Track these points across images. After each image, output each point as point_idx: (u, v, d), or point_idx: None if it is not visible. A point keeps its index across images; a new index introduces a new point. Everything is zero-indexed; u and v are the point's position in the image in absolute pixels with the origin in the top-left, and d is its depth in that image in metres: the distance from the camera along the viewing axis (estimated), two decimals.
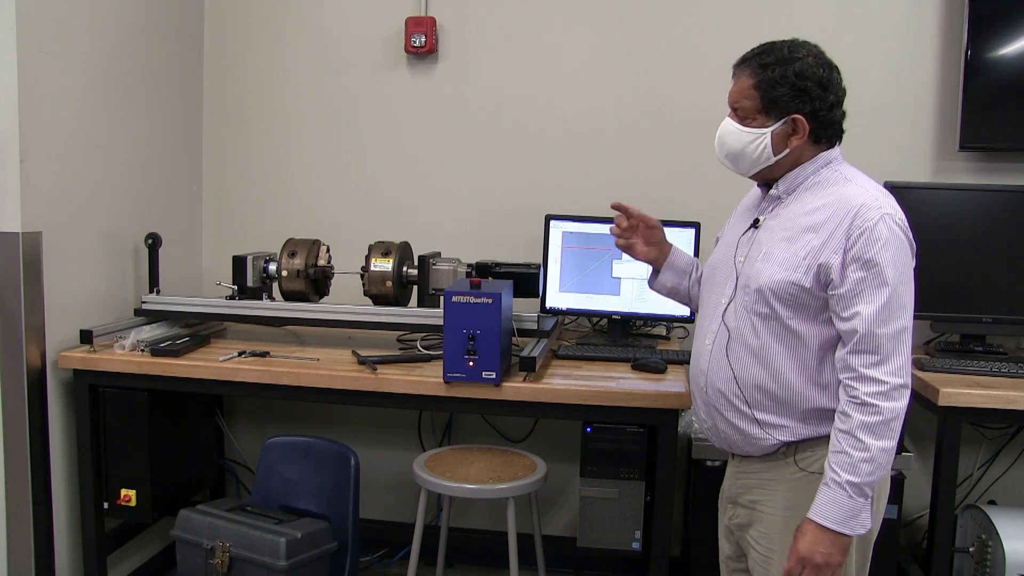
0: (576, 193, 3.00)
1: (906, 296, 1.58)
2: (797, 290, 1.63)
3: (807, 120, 1.66)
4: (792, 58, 1.66)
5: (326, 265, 2.72)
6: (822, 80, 1.67)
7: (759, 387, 1.68)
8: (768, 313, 1.66)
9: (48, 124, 2.38)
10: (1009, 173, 2.81)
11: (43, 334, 2.40)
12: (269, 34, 3.15)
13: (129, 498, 2.52)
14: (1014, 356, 2.64)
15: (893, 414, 1.54)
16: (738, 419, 1.72)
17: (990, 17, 2.69)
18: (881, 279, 1.56)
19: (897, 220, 1.60)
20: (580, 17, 2.99)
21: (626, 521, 2.35)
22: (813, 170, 1.71)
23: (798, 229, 1.66)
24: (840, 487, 1.54)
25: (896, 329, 1.56)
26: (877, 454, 1.53)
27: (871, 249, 1.57)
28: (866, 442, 1.53)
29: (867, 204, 1.60)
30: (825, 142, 1.71)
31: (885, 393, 1.54)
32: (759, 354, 1.68)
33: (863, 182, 1.68)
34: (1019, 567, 2.34)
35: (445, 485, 2.33)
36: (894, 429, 1.54)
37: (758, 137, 1.68)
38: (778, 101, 1.66)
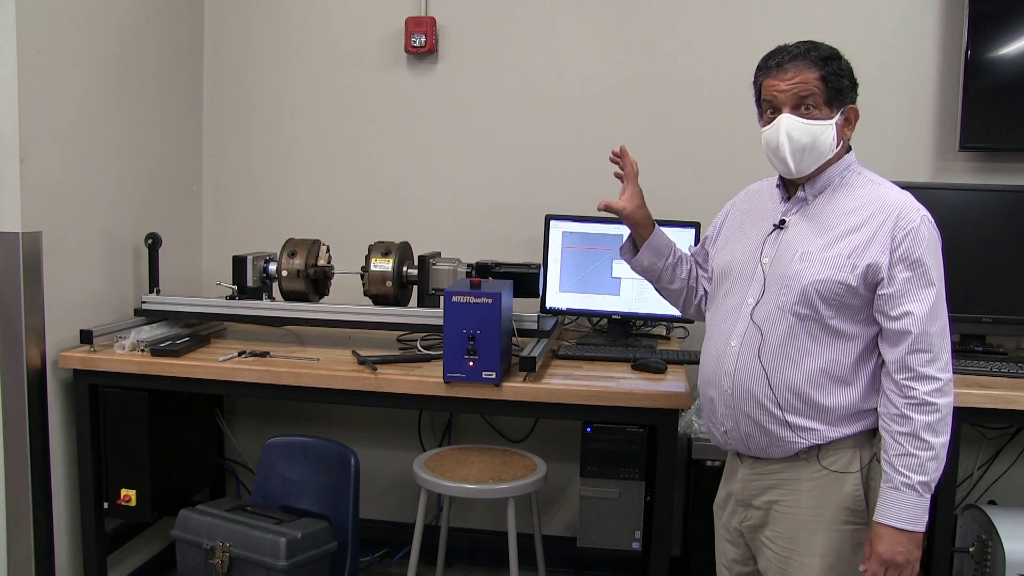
0: (576, 193, 3.00)
1: (945, 293, 1.67)
2: (844, 289, 1.64)
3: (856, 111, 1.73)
4: (838, 53, 1.72)
5: (326, 265, 2.72)
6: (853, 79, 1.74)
7: (793, 389, 1.68)
8: (808, 314, 1.67)
9: (48, 124, 2.38)
10: (1009, 173, 2.81)
11: (43, 334, 2.40)
12: (269, 34, 3.15)
13: (129, 498, 2.52)
14: (1014, 356, 2.63)
15: (949, 409, 1.60)
16: (768, 422, 1.71)
17: (990, 17, 2.69)
18: (928, 279, 1.63)
19: (932, 221, 1.68)
20: (580, 17, 3.00)
21: (626, 521, 2.35)
22: (839, 171, 1.74)
23: (840, 230, 1.68)
24: (911, 489, 1.58)
25: (942, 326, 1.64)
26: (940, 450, 1.59)
27: (917, 249, 1.63)
28: (930, 441, 1.58)
29: (907, 206, 1.66)
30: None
31: (941, 389, 1.59)
32: (795, 356, 1.68)
33: (889, 184, 1.74)
34: (1019, 567, 2.33)
35: (445, 485, 2.33)
36: (949, 423, 1.61)
37: (827, 129, 1.69)
38: (842, 92, 1.70)
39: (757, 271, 1.75)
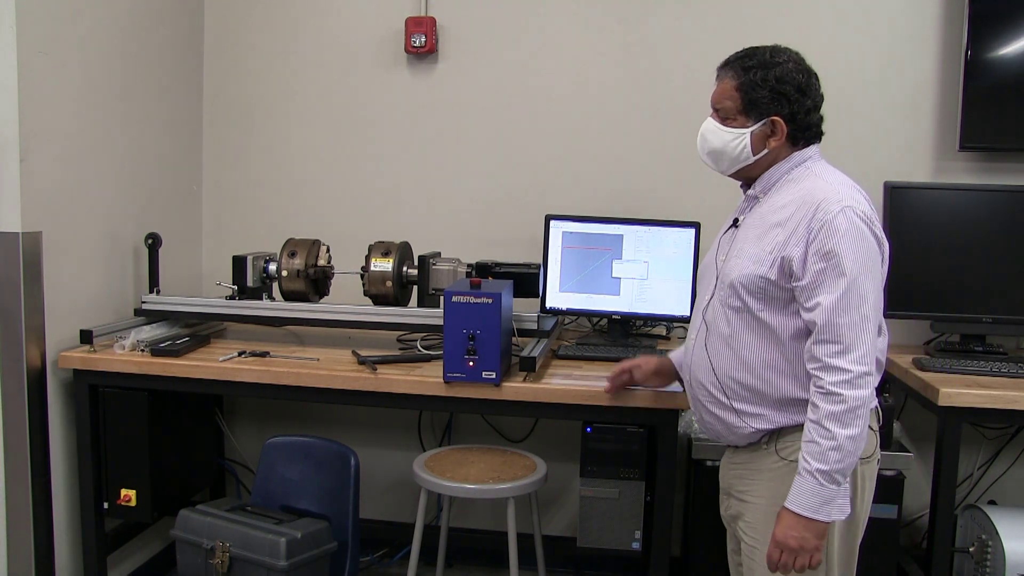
0: (576, 193, 3.00)
1: (867, 286, 1.62)
2: (764, 283, 1.69)
3: (785, 122, 1.73)
4: (773, 63, 1.73)
5: (326, 265, 2.72)
6: (801, 85, 1.73)
7: (733, 377, 1.75)
8: (740, 306, 1.73)
9: (48, 124, 2.38)
10: (1009, 173, 2.81)
11: (43, 334, 2.40)
12: (269, 34, 3.15)
13: (129, 498, 2.52)
14: (1014, 356, 2.63)
15: (858, 402, 1.59)
16: (718, 409, 1.80)
17: (990, 17, 2.69)
18: (839, 269, 1.61)
19: (859, 212, 1.64)
20: (580, 17, 2.99)
21: (626, 521, 2.35)
22: (787, 169, 1.77)
23: (767, 225, 1.72)
24: (811, 475, 1.60)
25: (857, 318, 1.60)
26: (844, 442, 1.58)
27: (830, 240, 1.62)
28: (833, 431, 1.58)
29: (829, 198, 1.65)
30: (802, 143, 1.77)
31: (849, 381, 1.59)
32: (732, 345, 1.75)
33: (830, 177, 1.73)
34: (1019, 567, 2.34)
35: (445, 485, 2.33)
36: (860, 416, 1.59)
37: (738, 137, 1.76)
38: (758, 103, 1.73)
39: (715, 269, 1.83)
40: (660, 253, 2.75)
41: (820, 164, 1.78)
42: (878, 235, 1.68)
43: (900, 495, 2.40)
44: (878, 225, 1.68)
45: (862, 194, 1.72)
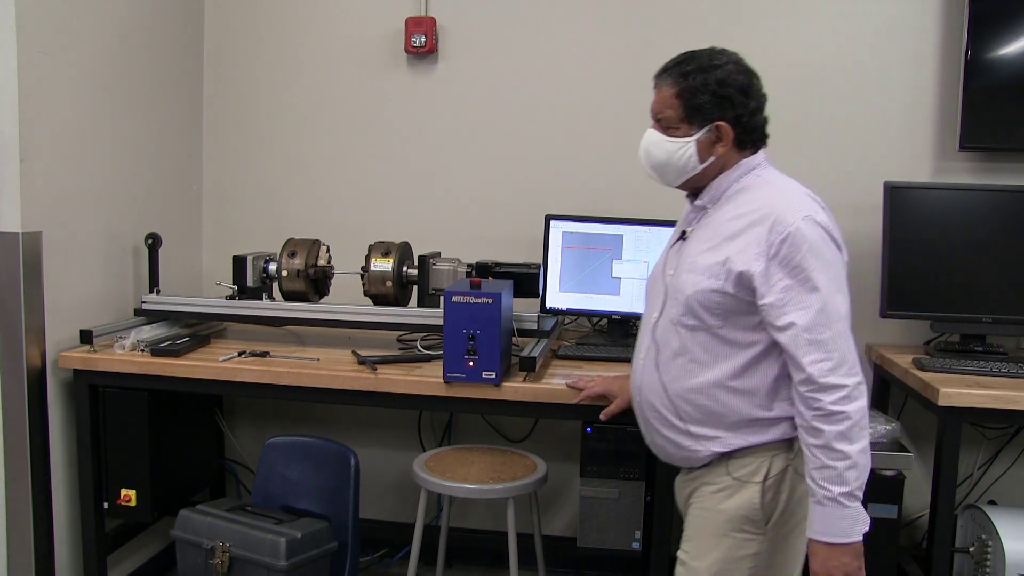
0: (576, 193, 3.00)
1: (838, 295, 1.58)
2: (721, 297, 1.62)
3: (730, 127, 1.67)
4: (713, 66, 1.67)
5: (326, 265, 2.72)
6: (743, 87, 1.67)
7: (687, 399, 1.68)
8: (696, 324, 1.66)
9: (48, 124, 2.38)
10: (1009, 173, 2.81)
11: (43, 334, 2.40)
12: (269, 34, 3.15)
13: (129, 498, 2.52)
14: (1014, 356, 2.63)
15: (860, 413, 1.54)
16: (671, 432, 1.73)
17: (990, 17, 2.69)
18: (810, 284, 1.56)
19: (820, 222, 1.59)
20: (580, 17, 2.99)
21: (626, 521, 2.35)
22: (736, 177, 1.70)
23: (720, 237, 1.65)
24: (834, 502, 1.53)
25: (839, 330, 1.56)
26: (858, 458, 1.53)
27: (796, 254, 1.56)
28: (844, 450, 1.52)
29: (787, 209, 1.59)
30: (750, 147, 1.71)
31: (848, 396, 1.53)
32: (686, 365, 1.68)
33: (785, 186, 1.68)
34: (1019, 567, 2.34)
35: (445, 485, 2.33)
36: (864, 427, 1.55)
37: (683, 146, 1.69)
38: (701, 109, 1.66)
39: (663, 284, 1.76)
40: (660, 253, 2.74)
41: (771, 171, 1.72)
42: (839, 242, 1.63)
43: (900, 495, 2.40)
44: (837, 232, 1.64)
45: (818, 202, 1.66)
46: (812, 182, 2.89)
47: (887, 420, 2.51)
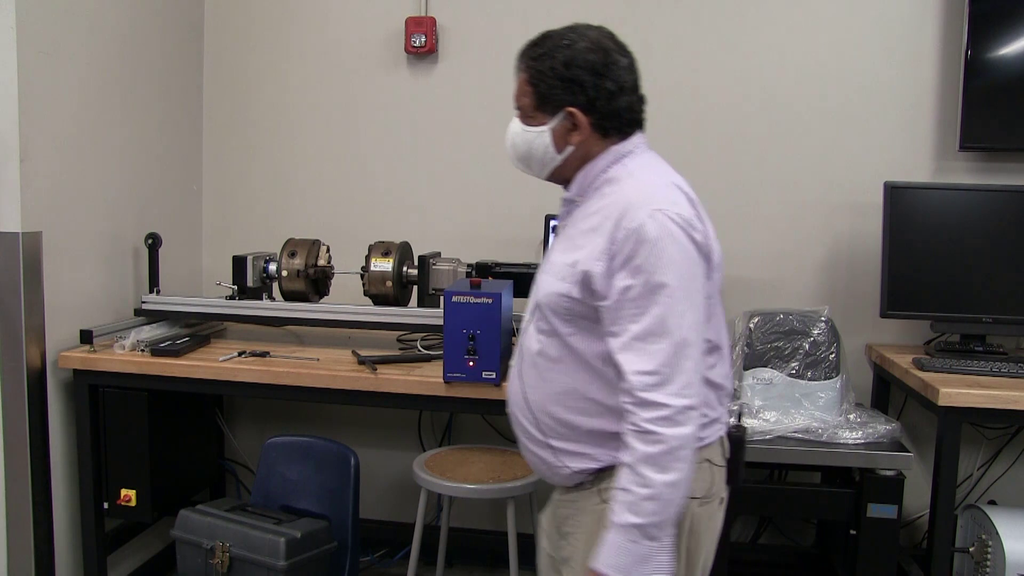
0: None
1: (684, 304, 1.37)
2: (569, 302, 1.45)
3: (583, 112, 1.50)
4: (561, 46, 1.52)
5: (326, 265, 2.72)
6: (595, 66, 1.50)
7: (546, 410, 1.52)
8: (549, 329, 1.50)
9: (48, 124, 2.38)
10: (1009, 173, 2.81)
11: (43, 334, 2.40)
12: (269, 34, 3.15)
13: (129, 498, 2.52)
14: (1014, 356, 2.63)
15: (678, 441, 1.33)
16: (535, 446, 1.56)
17: (990, 17, 2.69)
18: (650, 286, 1.36)
19: (673, 215, 1.39)
20: (580, 17, 2.98)
21: None
22: (603, 167, 1.53)
23: (576, 235, 1.49)
24: (622, 530, 1.34)
25: (677, 343, 1.35)
26: (662, 490, 1.32)
27: (638, 253, 1.37)
28: (649, 476, 1.32)
29: (636, 202, 1.41)
30: (616, 134, 1.53)
31: (668, 418, 1.33)
32: (544, 374, 1.51)
33: (646, 176, 1.49)
34: (1019, 567, 2.33)
35: (445, 485, 2.33)
36: (681, 459, 1.33)
37: (539, 136, 1.54)
38: (551, 95, 1.51)
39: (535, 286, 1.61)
40: None
41: (640, 159, 1.53)
42: (699, 240, 1.41)
43: (900, 495, 2.40)
44: (701, 228, 1.43)
45: (683, 194, 1.47)
46: (812, 182, 2.93)
47: (887, 420, 2.51)
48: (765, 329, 2.57)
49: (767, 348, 2.54)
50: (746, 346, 2.56)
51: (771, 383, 2.51)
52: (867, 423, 2.47)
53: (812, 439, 2.40)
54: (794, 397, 2.49)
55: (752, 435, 2.41)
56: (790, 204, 2.93)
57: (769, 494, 2.59)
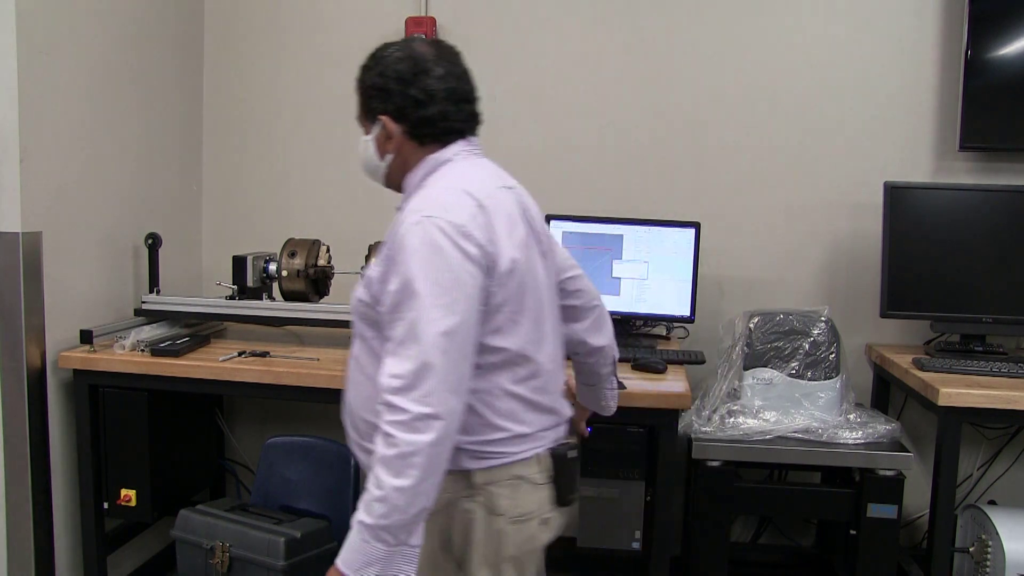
0: (576, 193, 3.00)
1: (439, 311, 1.36)
2: (364, 307, 1.50)
3: (394, 121, 1.53)
4: (380, 56, 1.56)
5: (326, 265, 2.72)
6: (403, 75, 1.51)
7: (360, 415, 1.55)
8: (359, 335, 1.55)
9: (48, 124, 2.38)
10: (1009, 173, 2.81)
11: (43, 334, 2.40)
12: (269, 34, 3.15)
13: (129, 498, 2.52)
14: (1014, 356, 2.63)
15: (412, 448, 1.31)
16: (355, 448, 1.59)
17: (990, 17, 2.69)
18: (409, 292, 1.37)
19: (443, 224, 1.39)
20: (580, 17, 2.99)
21: (626, 521, 2.35)
22: (422, 176, 1.55)
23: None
24: (356, 527, 1.34)
25: (424, 350, 1.34)
26: (391, 494, 1.31)
27: (402, 260, 1.39)
28: (380, 478, 1.32)
29: (414, 209, 1.43)
30: (433, 143, 1.55)
31: (405, 423, 1.32)
32: (357, 379, 1.56)
33: (443, 183, 1.50)
34: (1019, 567, 2.34)
35: None
36: (414, 465, 1.31)
37: (366, 145, 1.58)
38: (369, 104, 1.56)
39: None
40: (660, 253, 2.75)
41: (457, 167, 1.54)
42: (467, 248, 1.39)
43: (900, 495, 2.40)
44: (478, 236, 1.41)
45: (473, 201, 1.45)
46: (812, 182, 2.93)
47: (887, 420, 2.51)
48: (765, 329, 2.57)
49: (767, 348, 2.54)
50: (746, 346, 2.56)
51: (771, 383, 2.51)
52: (867, 423, 2.47)
53: (812, 439, 2.40)
54: (794, 397, 2.49)
55: (752, 435, 2.41)
56: (790, 204, 2.93)
57: (769, 494, 2.59)
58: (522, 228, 1.53)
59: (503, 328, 1.46)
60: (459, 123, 1.56)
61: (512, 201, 1.56)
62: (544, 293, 1.57)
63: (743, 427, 2.43)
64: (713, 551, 2.47)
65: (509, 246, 1.46)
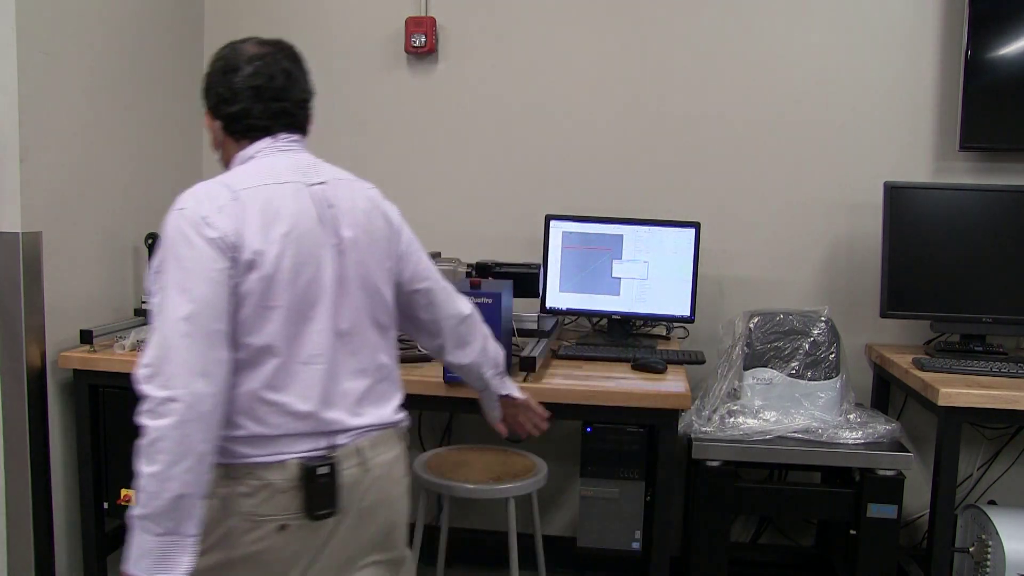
0: (576, 193, 3.00)
1: (179, 299, 1.37)
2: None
3: (211, 116, 1.63)
4: (214, 54, 1.66)
5: None
6: (214, 74, 1.61)
7: None
8: None
9: (48, 124, 2.38)
10: (1009, 173, 2.81)
11: (43, 334, 2.39)
12: (269, 34, 3.12)
13: (129, 498, 2.52)
14: (1014, 356, 2.64)
15: (158, 433, 1.32)
16: None
17: (990, 17, 2.69)
18: (162, 282, 1.41)
19: (189, 215, 1.44)
20: (580, 17, 3.00)
21: (626, 521, 2.35)
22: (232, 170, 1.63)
23: None
24: (131, 521, 1.40)
25: (164, 335, 1.36)
26: (147, 482, 1.34)
27: (157, 251, 1.45)
28: (140, 468, 1.35)
29: (175, 203, 1.49)
30: (244, 139, 1.63)
31: (152, 410, 1.33)
32: None
33: (220, 177, 1.57)
34: (1019, 567, 2.34)
35: (445, 485, 2.33)
36: (161, 451, 1.32)
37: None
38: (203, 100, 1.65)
39: None
40: (660, 253, 2.75)
41: (250, 163, 1.60)
42: (212, 237, 1.42)
43: (900, 495, 2.40)
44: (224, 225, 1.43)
45: (230, 193, 1.49)
46: (812, 182, 2.93)
47: (887, 420, 2.51)
48: (765, 329, 2.57)
49: (767, 348, 2.54)
50: (746, 346, 2.56)
51: (771, 383, 2.51)
52: (867, 423, 2.47)
53: (812, 439, 2.41)
54: (794, 397, 2.49)
55: (752, 435, 2.41)
56: (790, 204, 2.93)
57: (769, 494, 2.59)
58: (286, 224, 1.49)
59: (247, 322, 1.44)
60: (263, 121, 1.61)
61: (291, 196, 1.54)
62: (324, 292, 1.51)
63: (743, 427, 2.43)
64: (713, 551, 2.47)
65: (258, 239, 1.45)
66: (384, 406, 1.62)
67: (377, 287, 1.60)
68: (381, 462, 1.58)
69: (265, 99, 1.61)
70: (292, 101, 1.67)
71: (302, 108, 1.72)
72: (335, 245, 1.55)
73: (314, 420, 1.49)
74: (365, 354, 1.57)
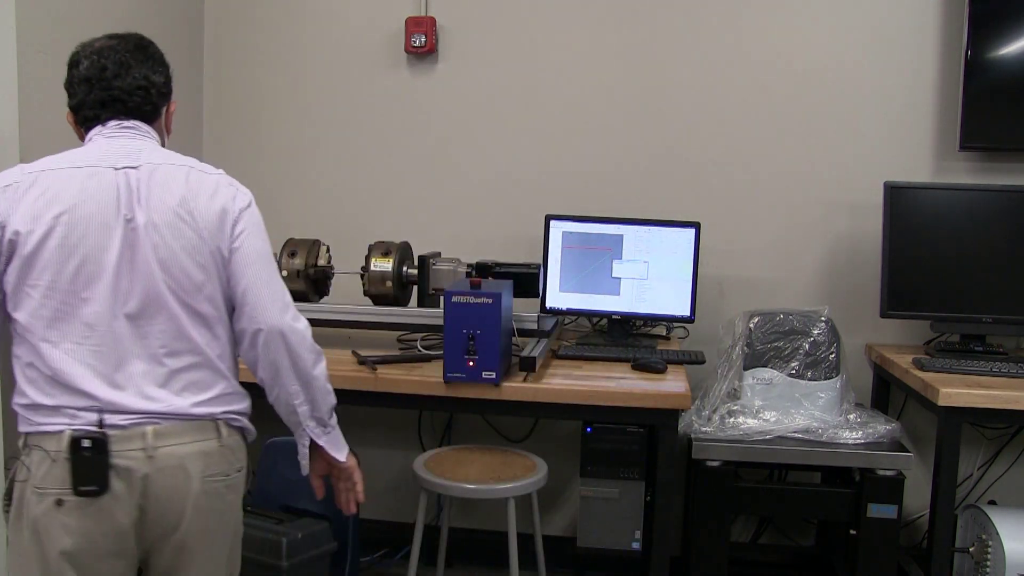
0: (576, 193, 3.00)
1: None
2: None
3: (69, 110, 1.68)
4: None
5: (326, 265, 2.72)
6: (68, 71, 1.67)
7: None
8: None
9: (48, 124, 2.38)
10: (1009, 173, 2.81)
11: None
12: (269, 34, 3.15)
13: None
14: (1014, 356, 2.64)
15: None
16: None
17: (990, 17, 2.69)
18: None
19: None
20: (580, 17, 3.00)
21: (626, 521, 2.35)
22: None
23: None
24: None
25: None
26: None
27: None
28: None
29: None
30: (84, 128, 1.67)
31: None
32: None
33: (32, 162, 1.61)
34: (1019, 567, 2.34)
35: (445, 485, 2.33)
36: None
37: None
38: None
39: None
40: (660, 253, 2.75)
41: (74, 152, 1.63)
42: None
43: (900, 495, 2.40)
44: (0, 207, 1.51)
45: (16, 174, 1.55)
46: (812, 182, 2.93)
47: (887, 420, 2.51)
48: (765, 329, 2.57)
49: (767, 348, 2.55)
50: (746, 346, 2.56)
51: (771, 383, 2.51)
52: (867, 423, 2.47)
53: (812, 439, 2.41)
54: (794, 397, 2.50)
55: (752, 435, 2.41)
56: (790, 204, 2.93)
57: (769, 494, 2.59)
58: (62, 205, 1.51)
59: (12, 298, 1.52)
60: (94, 110, 1.64)
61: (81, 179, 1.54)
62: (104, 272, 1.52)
63: (743, 427, 2.43)
64: (713, 551, 2.47)
65: (23, 220, 1.49)
66: (187, 397, 1.59)
67: (187, 272, 1.58)
68: (171, 454, 1.55)
69: (96, 89, 1.64)
70: (124, 89, 1.65)
71: (138, 95, 1.68)
72: (127, 227, 1.54)
73: (89, 397, 1.50)
74: (164, 339, 1.56)
